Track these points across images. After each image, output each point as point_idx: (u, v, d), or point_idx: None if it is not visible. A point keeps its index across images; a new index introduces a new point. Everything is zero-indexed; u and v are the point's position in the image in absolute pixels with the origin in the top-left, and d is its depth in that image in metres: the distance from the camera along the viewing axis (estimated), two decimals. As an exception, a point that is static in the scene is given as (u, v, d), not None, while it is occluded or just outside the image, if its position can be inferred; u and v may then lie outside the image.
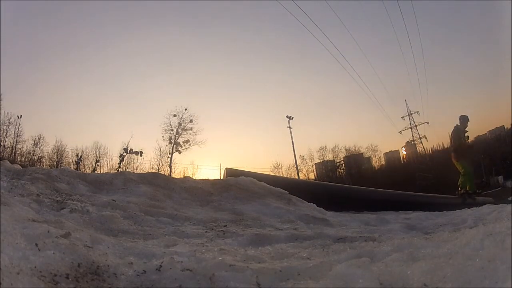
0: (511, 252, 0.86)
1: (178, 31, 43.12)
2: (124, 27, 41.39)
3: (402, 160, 35.41)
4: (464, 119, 7.00)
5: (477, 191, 7.17)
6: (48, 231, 1.27)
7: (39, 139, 21.83)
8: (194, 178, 4.22)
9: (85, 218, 1.92)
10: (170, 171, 23.47)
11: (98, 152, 23.91)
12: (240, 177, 3.87)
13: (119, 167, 17.40)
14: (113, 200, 2.47)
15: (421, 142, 33.69)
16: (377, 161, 34.60)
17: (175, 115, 24.74)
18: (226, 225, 2.26)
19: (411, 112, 33.71)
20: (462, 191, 6.88)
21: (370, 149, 33.46)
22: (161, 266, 1.11)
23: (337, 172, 31.44)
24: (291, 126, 26.23)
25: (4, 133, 20.37)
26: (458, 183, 6.98)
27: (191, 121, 24.89)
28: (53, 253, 1.06)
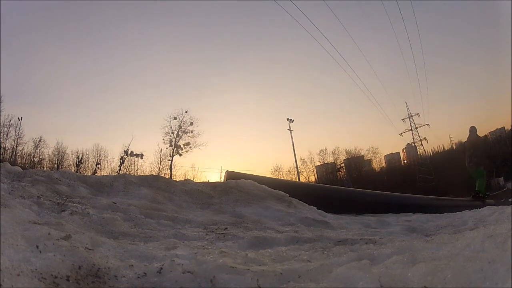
0: (511, 254, 0.86)
1: (180, 32, 43.27)
2: (125, 28, 41.50)
3: (402, 162, 35.36)
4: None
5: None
6: (49, 233, 1.28)
7: (39, 141, 21.71)
8: (194, 181, 4.22)
9: (85, 221, 1.92)
10: (171, 174, 23.42)
11: (98, 155, 23.83)
12: (241, 180, 3.87)
13: (120, 169, 17.43)
14: (113, 202, 2.47)
15: (421, 144, 33.63)
16: (378, 163, 34.47)
17: (175, 118, 24.64)
18: (226, 228, 2.26)
19: (412, 114, 33.66)
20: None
21: (370, 152, 33.31)
22: (161, 268, 1.11)
23: (338, 174, 31.35)
24: (291, 129, 26.21)
25: (5, 135, 20.34)
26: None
27: (191, 123, 24.81)
28: (54, 255, 1.06)
